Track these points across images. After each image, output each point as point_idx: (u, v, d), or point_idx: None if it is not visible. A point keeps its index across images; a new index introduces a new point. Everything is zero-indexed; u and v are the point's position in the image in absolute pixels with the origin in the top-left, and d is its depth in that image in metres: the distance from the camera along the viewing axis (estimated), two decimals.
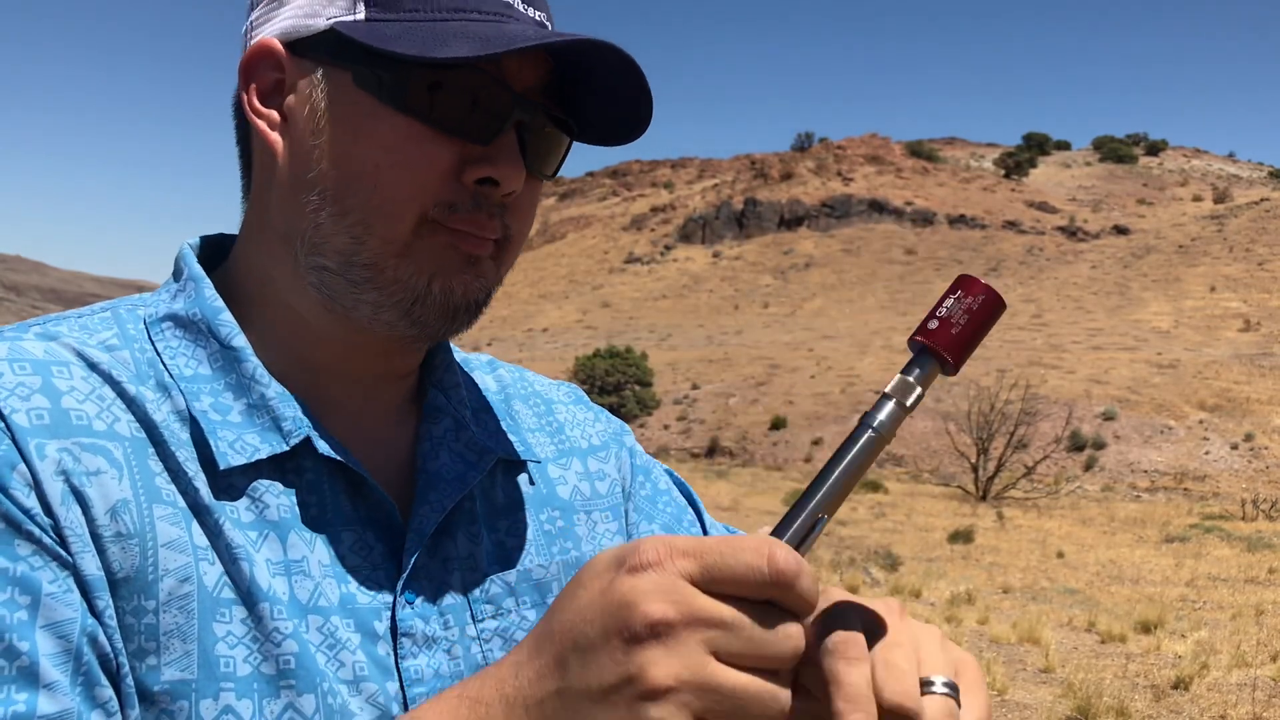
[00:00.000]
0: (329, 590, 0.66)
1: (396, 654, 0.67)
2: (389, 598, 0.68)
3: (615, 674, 0.48)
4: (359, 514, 0.69)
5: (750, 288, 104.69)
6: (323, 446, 0.67)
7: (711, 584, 0.49)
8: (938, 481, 32.21)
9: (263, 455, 0.66)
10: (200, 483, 0.64)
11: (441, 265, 0.68)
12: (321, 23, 0.68)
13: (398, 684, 0.66)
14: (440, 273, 0.68)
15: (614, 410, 47.01)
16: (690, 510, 0.93)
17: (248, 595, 0.63)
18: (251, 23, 0.72)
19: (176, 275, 0.74)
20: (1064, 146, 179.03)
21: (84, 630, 0.57)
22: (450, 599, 0.71)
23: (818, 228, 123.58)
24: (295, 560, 0.65)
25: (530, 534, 0.79)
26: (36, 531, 0.57)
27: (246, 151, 0.75)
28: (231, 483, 0.65)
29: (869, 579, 12.64)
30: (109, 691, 0.57)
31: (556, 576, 0.78)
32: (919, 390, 0.57)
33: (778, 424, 42.02)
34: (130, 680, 0.59)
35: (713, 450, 41.43)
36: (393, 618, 0.67)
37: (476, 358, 0.90)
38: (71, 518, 0.58)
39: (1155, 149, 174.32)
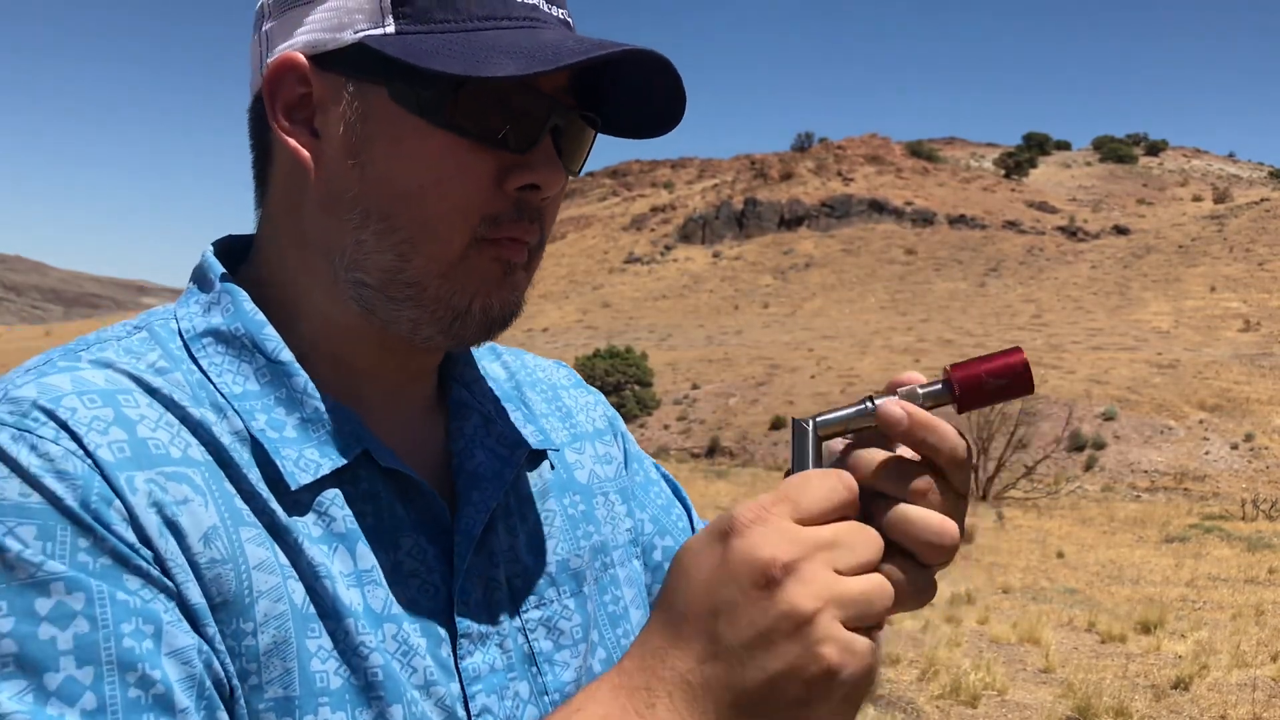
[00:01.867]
0: (397, 597, 0.67)
1: (456, 654, 0.69)
2: (445, 600, 0.69)
3: (769, 618, 0.54)
4: (412, 519, 0.70)
5: (750, 288, 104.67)
6: (383, 457, 0.69)
7: (810, 518, 0.56)
8: None
9: (326, 471, 0.66)
10: (273, 503, 0.64)
11: (483, 284, 0.69)
12: (349, 36, 0.66)
13: (458, 684, 0.68)
14: (482, 291, 0.69)
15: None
16: (678, 504, 0.94)
17: (332, 611, 0.64)
18: (267, 34, 0.71)
19: (203, 285, 0.73)
20: (1064, 146, 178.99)
21: (201, 656, 0.58)
22: (497, 593, 0.73)
23: (818, 228, 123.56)
24: (366, 570, 0.66)
25: (559, 521, 0.80)
26: (143, 565, 0.58)
27: (263, 161, 0.74)
28: (299, 499, 0.66)
29: None
30: (226, 715, 0.59)
31: (589, 563, 0.81)
32: (920, 404, 0.63)
33: (778, 424, 42.00)
34: (242, 703, 0.61)
35: (713, 450, 41.42)
36: (451, 618, 0.69)
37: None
38: (170, 548, 0.59)
39: (1155, 149, 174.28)
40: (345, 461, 0.67)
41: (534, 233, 0.70)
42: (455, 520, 0.72)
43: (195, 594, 0.59)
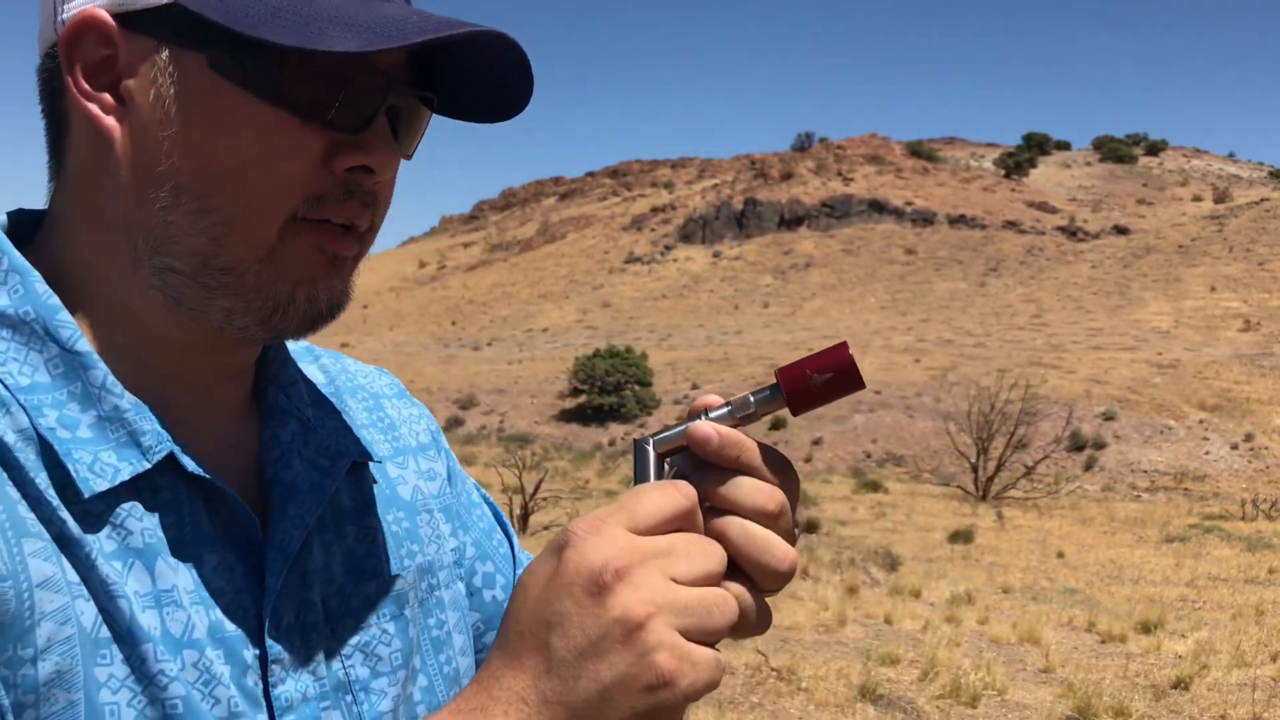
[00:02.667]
0: (198, 620, 0.61)
1: (266, 682, 0.63)
2: (254, 623, 0.63)
3: (599, 625, 0.52)
4: (218, 533, 0.63)
5: (750, 288, 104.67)
6: (188, 463, 0.62)
7: (646, 527, 0.55)
8: (938, 481, 32.19)
9: (125, 477, 0.59)
10: (63, 511, 0.57)
11: (307, 271, 0.63)
12: None
13: (266, 714, 0.63)
14: (305, 280, 0.63)
15: (614, 410, 47.16)
16: (499, 530, 0.90)
17: (128, 635, 0.57)
18: None
19: None
20: (1064, 146, 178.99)
21: None
22: (311, 616, 0.67)
23: (818, 228, 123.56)
24: (165, 590, 0.60)
25: (381, 539, 0.75)
26: None
27: (57, 128, 0.66)
28: (92, 509, 0.59)
29: (869, 579, 12.64)
30: None
31: (413, 585, 0.75)
32: (753, 411, 0.62)
33: (777, 424, 42.01)
34: None
35: None
36: (261, 644, 0.63)
37: (293, 345, 0.80)
38: None
39: (1155, 149, 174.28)
40: (147, 466, 0.60)
41: (364, 216, 0.65)
42: (267, 536, 0.65)
43: None
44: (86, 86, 0.61)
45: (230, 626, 0.62)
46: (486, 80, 0.67)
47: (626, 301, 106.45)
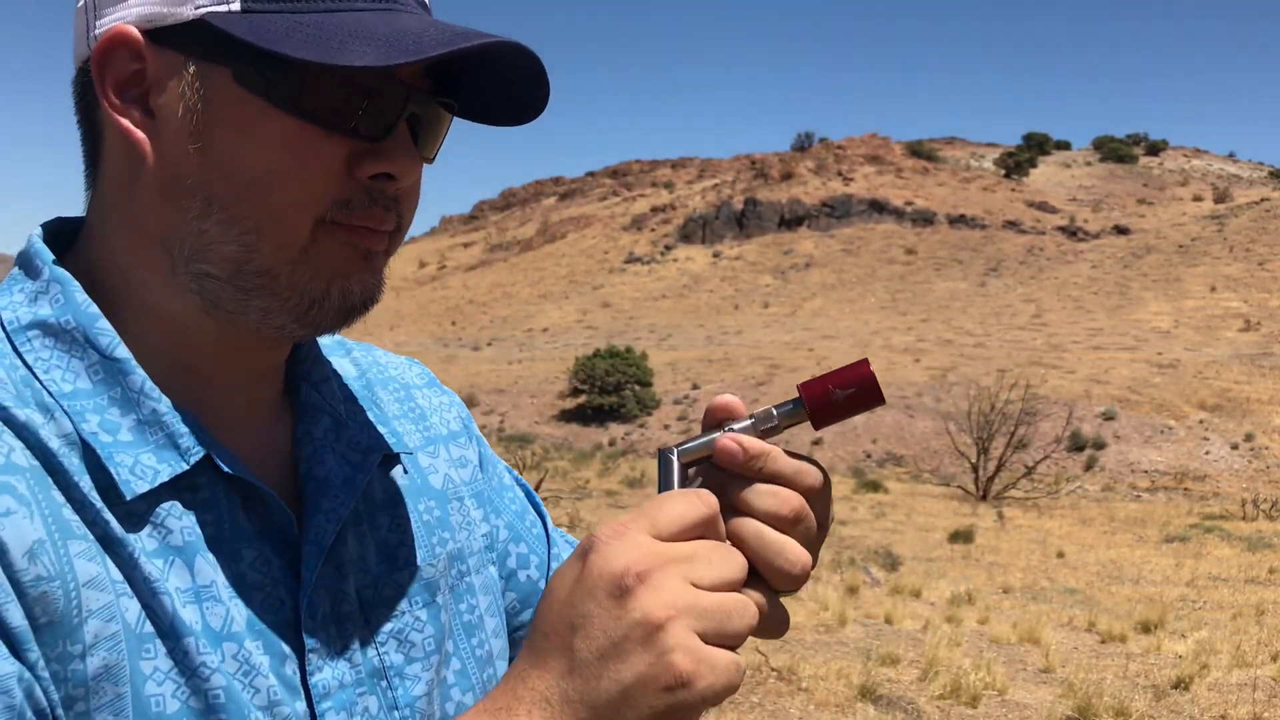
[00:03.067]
0: (237, 614, 0.63)
1: (304, 671, 0.66)
2: (291, 614, 0.66)
3: (620, 627, 0.54)
4: (255, 529, 0.66)
5: (750, 288, 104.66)
6: (226, 463, 0.65)
7: (669, 534, 0.58)
8: (938, 481, 32.20)
9: (164, 478, 0.62)
10: (106, 513, 0.60)
11: (340, 267, 0.66)
12: (189, 11, 0.62)
13: (304, 702, 0.65)
14: (339, 274, 0.66)
15: (614, 410, 47.17)
16: (533, 511, 0.93)
17: (170, 629, 0.60)
18: (94, 1, 0.65)
19: (29, 271, 0.67)
20: (1064, 146, 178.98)
21: (22, 684, 0.53)
22: (346, 606, 0.69)
23: (818, 228, 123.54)
24: (204, 586, 0.62)
25: (413, 528, 0.77)
26: None
27: (92, 138, 0.68)
28: (134, 509, 0.61)
29: (869, 579, 12.64)
30: None
31: (444, 573, 0.78)
32: (775, 424, 0.65)
33: None
34: None
35: None
36: (298, 634, 0.66)
37: (325, 339, 0.83)
38: None
39: (1155, 149, 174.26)
40: (185, 467, 0.63)
41: (389, 221, 0.67)
42: (303, 530, 0.68)
43: (17, 616, 0.54)
44: (117, 100, 0.64)
45: (269, 618, 0.65)
46: (503, 86, 0.68)
47: (627, 301, 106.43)
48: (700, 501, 0.59)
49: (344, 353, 0.84)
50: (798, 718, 6.70)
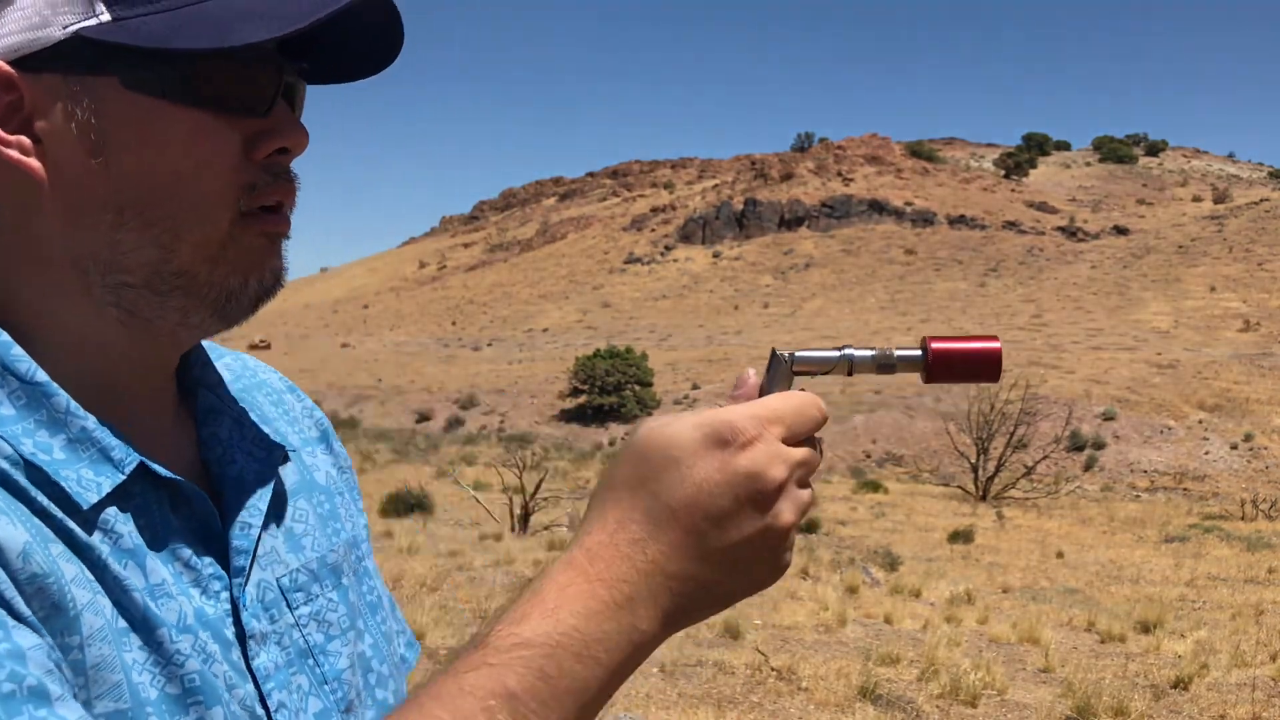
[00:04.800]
0: (188, 608, 0.66)
1: (246, 656, 0.69)
2: (229, 605, 0.69)
3: (754, 528, 0.61)
4: (185, 527, 0.69)
5: (750, 288, 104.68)
6: (160, 469, 0.67)
7: (793, 439, 0.64)
8: (938, 481, 32.22)
9: (108, 489, 0.63)
10: (69, 521, 0.62)
11: (256, 258, 0.68)
12: (57, 33, 0.61)
13: (252, 684, 0.68)
14: (255, 266, 0.68)
15: (614, 410, 47.20)
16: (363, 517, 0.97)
17: (143, 623, 0.62)
18: None
19: None
20: (1064, 146, 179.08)
21: (52, 656, 0.56)
22: (270, 594, 0.72)
23: (818, 228, 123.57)
24: (157, 584, 0.65)
25: (312, 520, 0.81)
26: None
27: None
28: (88, 518, 0.63)
29: (869, 579, 12.65)
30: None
31: (345, 558, 0.82)
32: (893, 364, 0.68)
33: None
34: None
35: None
36: (236, 622, 0.69)
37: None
38: None
39: (1155, 149, 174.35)
40: (123, 478, 0.64)
41: (293, 193, 0.69)
42: (226, 527, 0.71)
43: (24, 610, 0.56)
44: (1, 133, 0.63)
45: (211, 610, 0.67)
46: (358, 38, 0.70)
47: (626, 302, 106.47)
48: (822, 413, 0.65)
49: (217, 357, 0.85)
50: (797, 717, 6.71)
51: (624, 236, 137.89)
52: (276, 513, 0.77)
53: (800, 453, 0.63)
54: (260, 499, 0.73)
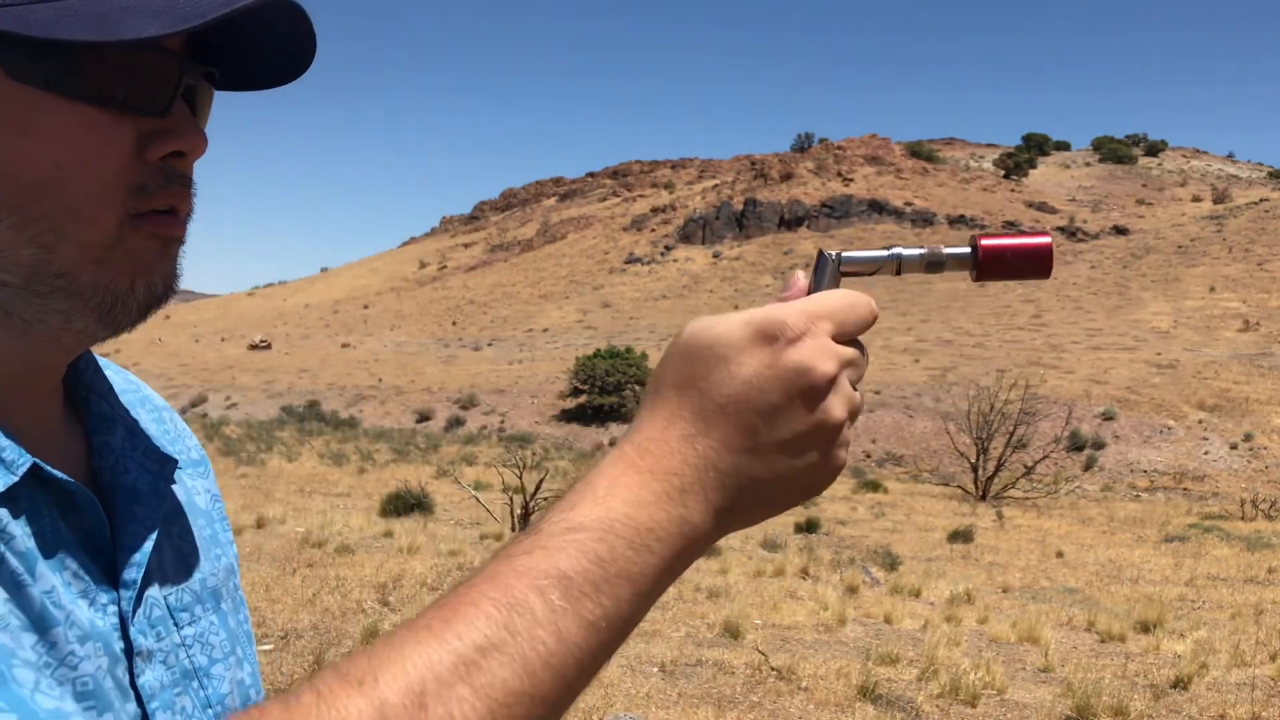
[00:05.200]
0: (79, 618, 0.63)
1: (132, 673, 0.66)
2: (115, 619, 0.66)
3: (805, 424, 0.60)
4: (74, 537, 0.66)
5: (750, 288, 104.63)
6: (54, 472, 0.64)
7: (842, 336, 0.62)
8: (937, 481, 32.22)
9: (1, 488, 0.60)
10: None
11: (144, 261, 0.64)
12: None
13: (135, 703, 0.65)
14: (143, 269, 0.64)
15: (614, 410, 47.17)
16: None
17: (39, 621, 0.59)
18: None
19: None
20: (1064, 147, 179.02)
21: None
22: (156, 611, 0.70)
23: (818, 228, 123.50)
24: (47, 591, 0.61)
25: (196, 540, 0.79)
26: None
27: None
28: None
29: (868, 578, 12.66)
30: None
31: (224, 581, 0.80)
32: (943, 261, 0.69)
33: None
34: None
35: None
36: (125, 637, 0.66)
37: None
38: None
39: (1155, 149, 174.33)
40: (15, 479, 0.61)
41: (189, 199, 0.66)
42: (117, 538, 0.68)
43: None
44: None
45: (101, 622, 0.64)
46: (265, 49, 0.68)
47: (627, 302, 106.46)
48: (872, 314, 0.64)
49: (103, 366, 0.82)
50: (797, 717, 6.72)
51: (624, 236, 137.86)
52: (165, 529, 0.74)
53: (851, 351, 0.62)
54: (154, 512, 0.71)
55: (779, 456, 0.60)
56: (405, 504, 15.54)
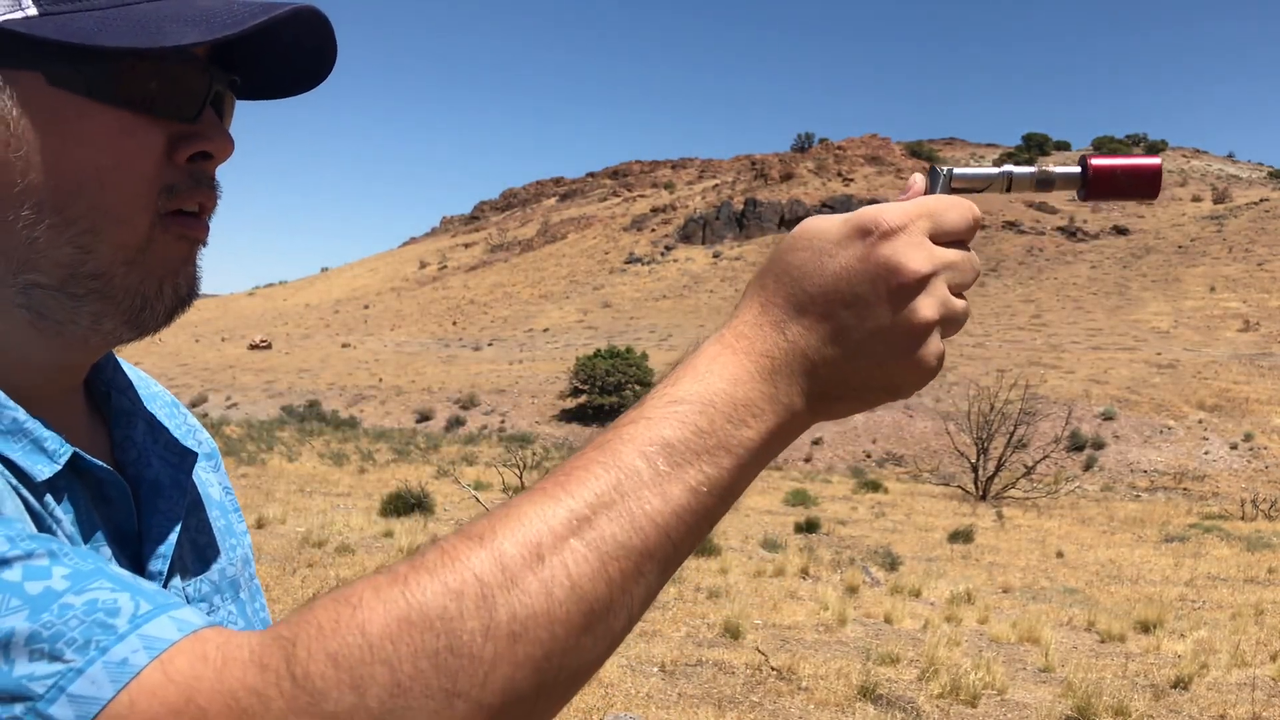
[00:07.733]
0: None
1: None
2: None
3: (895, 320, 0.60)
4: (105, 526, 0.68)
5: None
6: (93, 461, 0.66)
7: (941, 237, 0.62)
8: (938, 481, 32.22)
9: (48, 475, 0.63)
10: (31, 498, 0.61)
11: (172, 264, 0.67)
12: None
13: None
14: (170, 272, 0.67)
15: (614, 410, 47.13)
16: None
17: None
18: None
19: None
20: (1064, 147, 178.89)
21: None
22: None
23: None
24: None
25: (213, 531, 0.80)
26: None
27: None
28: (38, 492, 0.62)
29: (869, 578, 12.66)
30: None
31: (241, 572, 0.82)
32: (1053, 180, 0.70)
33: None
34: None
35: None
36: None
37: None
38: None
39: (1155, 149, 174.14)
40: (59, 467, 0.63)
41: (214, 199, 0.69)
42: (143, 530, 0.70)
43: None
44: None
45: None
46: (291, 55, 0.70)
47: (627, 302, 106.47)
48: (973, 215, 0.64)
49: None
50: (798, 717, 6.71)
51: (624, 236, 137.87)
52: (185, 521, 0.76)
53: (950, 253, 0.62)
54: (177, 504, 0.73)
55: (864, 350, 0.60)
56: (405, 504, 15.54)
